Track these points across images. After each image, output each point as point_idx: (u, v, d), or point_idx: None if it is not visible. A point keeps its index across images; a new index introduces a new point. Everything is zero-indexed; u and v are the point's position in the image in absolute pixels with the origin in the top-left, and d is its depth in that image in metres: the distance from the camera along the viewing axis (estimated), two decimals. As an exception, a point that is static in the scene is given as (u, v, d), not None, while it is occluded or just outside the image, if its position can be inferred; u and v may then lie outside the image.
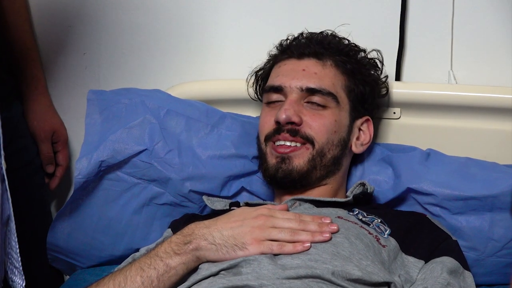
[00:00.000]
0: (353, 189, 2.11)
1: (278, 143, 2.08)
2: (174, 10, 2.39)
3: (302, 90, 2.09)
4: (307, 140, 2.06)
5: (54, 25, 2.47)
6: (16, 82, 2.43)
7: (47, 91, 2.49)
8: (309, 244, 1.77)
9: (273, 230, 1.80)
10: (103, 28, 2.45)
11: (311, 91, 2.08)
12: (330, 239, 1.78)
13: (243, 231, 1.81)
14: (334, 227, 1.81)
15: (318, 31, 2.21)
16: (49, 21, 2.47)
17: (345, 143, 2.13)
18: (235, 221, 1.83)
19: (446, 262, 1.90)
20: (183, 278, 1.84)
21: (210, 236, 1.81)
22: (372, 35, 2.28)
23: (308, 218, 1.83)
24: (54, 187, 2.52)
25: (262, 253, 1.76)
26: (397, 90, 2.27)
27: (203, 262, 1.81)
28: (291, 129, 2.05)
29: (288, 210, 1.93)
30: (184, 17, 2.41)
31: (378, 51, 2.22)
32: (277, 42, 2.24)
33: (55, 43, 2.50)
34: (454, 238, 2.02)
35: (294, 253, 1.77)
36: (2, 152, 1.61)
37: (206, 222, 1.87)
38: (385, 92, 2.23)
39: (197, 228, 1.84)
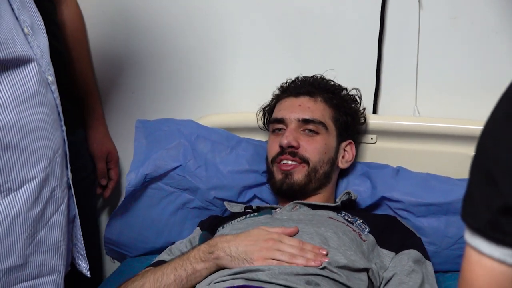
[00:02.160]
0: (341, 197, 2.16)
1: (282, 162, 2.13)
2: (201, 61, 2.44)
3: (299, 120, 2.15)
4: (304, 161, 2.12)
5: (111, 70, 2.50)
6: (80, 113, 2.48)
7: (104, 121, 2.54)
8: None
9: (276, 252, 1.81)
10: (148, 73, 2.48)
11: (306, 121, 2.14)
12: (321, 264, 1.78)
13: (253, 249, 1.83)
14: (324, 254, 1.81)
15: (310, 75, 2.26)
16: (107, 67, 2.50)
17: (333, 161, 2.18)
18: (250, 240, 1.85)
19: (412, 253, 1.94)
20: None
21: (228, 249, 1.83)
22: (353, 78, 2.30)
23: (308, 247, 1.82)
24: (107, 196, 2.57)
25: None
26: (374, 121, 2.31)
27: (220, 269, 1.84)
28: (291, 151, 2.12)
29: (295, 226, 1.92)
30: (208, 67, 2.44)
31: (357, 89, 2.27)
32: (279, 84, 2.27)
33: (111, 84, 2.53)
34: (418, 235, 2.06)
35: None
36: (69, 166, 1.72)
37: (228, 237, 1.89)
38: (363, 120, 2.28)
39: (220, 242, 1.87)
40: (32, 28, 1.58)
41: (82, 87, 2.45)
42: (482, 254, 0.94)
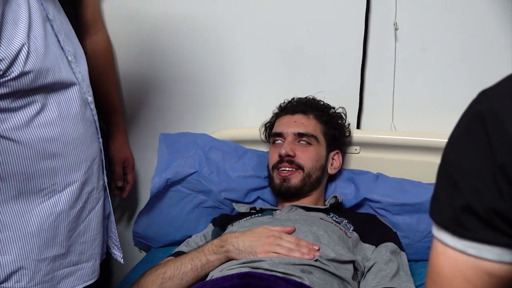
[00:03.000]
0: (329, 200, 2.16)
1: (281, 169, 2.14)
2: (214, 85, 2.44)
3: (295, 134, 2.16)
4: (299, 167, 2.13)
5: (139, 91, 2.50)
6: (105, 125, 2.46)
7: (125, 133, 2.50)
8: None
9: (277, 247, 1.82)
10: (169, 94, 2.48)
11: (300, 135, 2.16)
12: (314, 257, 1.80)
13: (257, 244, 1.84)
14: (316, 249, 1.83)
15: (304, 96, 2.27)
16: (135, 89, 2.50)
17: (323, 168, 2.19)
18: (254, 237, 1.87)
19: (389, 245, 1.96)
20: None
21: (236, 244, 1.85)
22: (340, 99, 2.30)
23: (303, 243, 1.84)
24: (125, 197, 2.55)
25: None
26: (357, 134, 2.32)
27: (229, 260, 1.86)
28: (289, 160, 2.13)
29: (292, 226, 1.94)
30: (220, 90, 2.44)
31: (343, 108, 2.28)
32: (278, 104, 2.29)
33: (139, 103, 2.53)
34: (394, 230, 2.07)
35: None
36: (105, 171, 1.72)
37: (236, 233, 1.90)
38: (348, 134, 2.29)
39: (229, 237, 1.88)
40: (74, 56, 1.59)
41: (108, 105, 2.42)
42: (446, 246, 0.95)
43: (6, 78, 1.42)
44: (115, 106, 2.44)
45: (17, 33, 1.42)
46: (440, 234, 0.96)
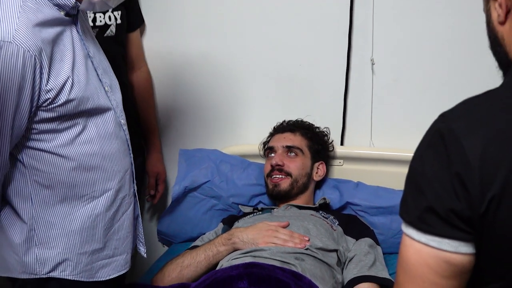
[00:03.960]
0: (319, 201, 2.16)
1: (273, 177, 2.15)
2: (224, 112, 2.43)
3: (283, 147, 2.18)
4: (288, 174, 2.13)
5: (172, 116, 2.49)
6: (145, 144, 2.46)
7: (160, 151, 2.49)
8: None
9: (274, 238, 1.85)
10: (189, 117, 2.47)
11: (288, 147, 2.18)
12: (305, 246, 1.83)
13: (258, 236, 1.87)
14: (306, 239, 1.85)
15: (294, 119, 2.28)
16: (169, 114, 2.49)
17: (309, 175, 2.18)
18: (256, 230, 1.89)
19: (367, 240, 1.97)
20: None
21: (241, 236, 1.88)
22: (327, 120, 2.30)
23: (296, 235, 1.87)
24: (156, 202, 2.52)
25: None
26: (341, 150, 2.31)
27: (236, 250, 1.88)
28: (279, 168, 2.14)
29: (286, 221, 1.95)
30: (229, 116, 2.44)
31: (327, 128, 2.28)
32: (273, 126, 2.29)
33: (170, 126, 2.52)
34: (371, 228, 2.08)
35: None
36: (135, 181, 1.72)
37: (241, 228, 1.93)
38: (332, 149, 2.28)
39: (235, 232, 1.92)
40: (110, 87, 1.60)
41: (147, 127, 2.42)
42: (413, 240, 0.95)
43: (54, 105, 1.43)
44: (152, 128, 2.43)
45: (63, 68, 1.44)
46: (408, 230, 0.96)
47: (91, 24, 2.08)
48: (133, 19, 2.25)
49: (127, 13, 2.19)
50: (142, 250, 1.78)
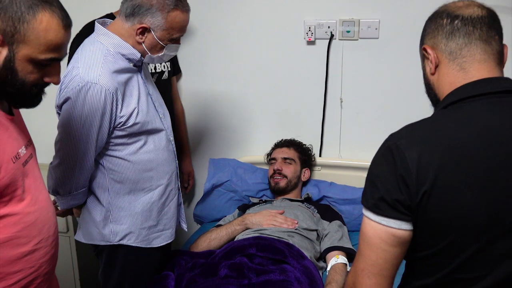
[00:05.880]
0: (304, 195, 2.14)
1: (274, 177, 2.12)
2: (241, 132, 2.38)
3: (282, 158, 2.15)
4: (284, 176, 2.11)
5: (196, 133, 2.44)
6: (180, 153, 2.38)
7: (190, 158, 2.41)
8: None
9: (273, 221, 1.84)
10: (213, 137, 2.41)
11: (285, 158, 2.15)
12: (295, 227, 1.82)
13: (262, 220, 1.86)
14: (295, 222, 1.83)
15: (289, 138, 2.24)
16: (199, 132, 2.43)
17: (299, 177, 2.15)
18: (261, 216, 1.87)
19: (337, 222, 1.95)
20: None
21: (251, 219, 1.87)
22: (310, 139, 2.26)
23: (288, 219, 1.85)
24: (187, 192, 2.44)
25: None
26: (320, 160, 2.27)
27: (247, 229, 1.86)
28: (278, 172, 2.11)
29: (282, 209, 1.93)
30: (243, 135, 2.38)
31: (311, 145, 2.25)
32: (274, 142, 2.26)
33: (200, 143, 2.45)
34: (340, 214, 2.05)
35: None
36: (179, 179, 1.71)
37: (251, 214, 1.91)
38: (314, 159, 2.24)
39: (247, 216, 1.90)
40: (163, 115, 1.60)
41: (181, 143, 2.36)
42: (370, 220, 0.95)
43: (125, 126, 1.45)
44: (184, 143, 2.39)
45: (131, 101, 1.45)
46: (367, 213, 0.95)
47: (153, 70, 2.07)
48: (175, 68, 2.24)
49: (172, 63, 2.19)
50: (184, 226, 1.77)
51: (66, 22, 0.95)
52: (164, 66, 2.13)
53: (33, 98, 0.99)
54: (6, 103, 1.00)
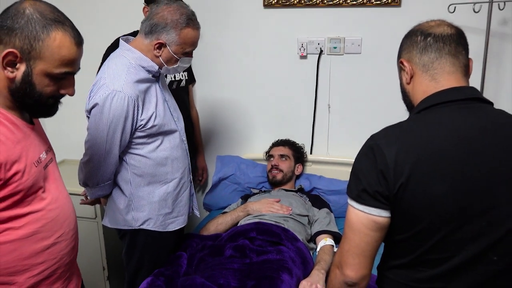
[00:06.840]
0: (297, 187, 2.12)
1: (272, 171, 2.10)
2: (244, 134, 2.36)
3: (279, 155, 2.12)
4: (281, 171, 2.08)
5: (207, 134, 2.43)
6: (194, 151, 2.36)
7: (203, 155, 2.40)
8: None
9: (271, 208, 1.83)
10: (221, 137, 2.40)
11: (281, 155, 2.12)
12: (289, 213, 1.79)
13: (262, 207, 1.84)
14: (290, 209, 1.80)
15: (285, 138, 2.21)
16: (209, 132, 2.41)
17: (293, 171, 2.12)
18: (260, 204, 1.85)
19: (325, 209, 1.93)
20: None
21: (252, 207, 1.86)
22: (302, 139, 2.24)
23: (284, 207, 1.83)
24: (202, 183, 2.43)
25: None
26: (311, 157, 2.24)
27: (249, 215, 1.84)
28: (276, 167, 2.09)
29: (278, 198, 1.91)
30: (246, 136, 2.35)
31: (303, 144, 2.22)
32: (272, 142, 2.23)
33: (211, 142, 2.43)
34: (328, 203, 2.02)
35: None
36: (191, 172, 1.68)
37: (252, 202, 1.89)
38: (306, 156, 2.22)
39: (249, 204, 1.88)
40: (177, 118, 1.59)
41: (196, 142, 2.33)
42: (354, 208, 0.94)
43: (145, 128, 1.44)
44: (198, 142, 2.36)
45: (150, 107, 1.44)
46: (351, 202, 0.95)
47: (173, 78, 2.06)
48: (191, 76, 2.22)
49: (188, 73, 2.17)
50: (196, 212, 1.75)
51: (78, 39, 0.93)
52: (182, 75, 2.12)
53: (50, 108, 0.98)
54: (26, 113, 0.99)
